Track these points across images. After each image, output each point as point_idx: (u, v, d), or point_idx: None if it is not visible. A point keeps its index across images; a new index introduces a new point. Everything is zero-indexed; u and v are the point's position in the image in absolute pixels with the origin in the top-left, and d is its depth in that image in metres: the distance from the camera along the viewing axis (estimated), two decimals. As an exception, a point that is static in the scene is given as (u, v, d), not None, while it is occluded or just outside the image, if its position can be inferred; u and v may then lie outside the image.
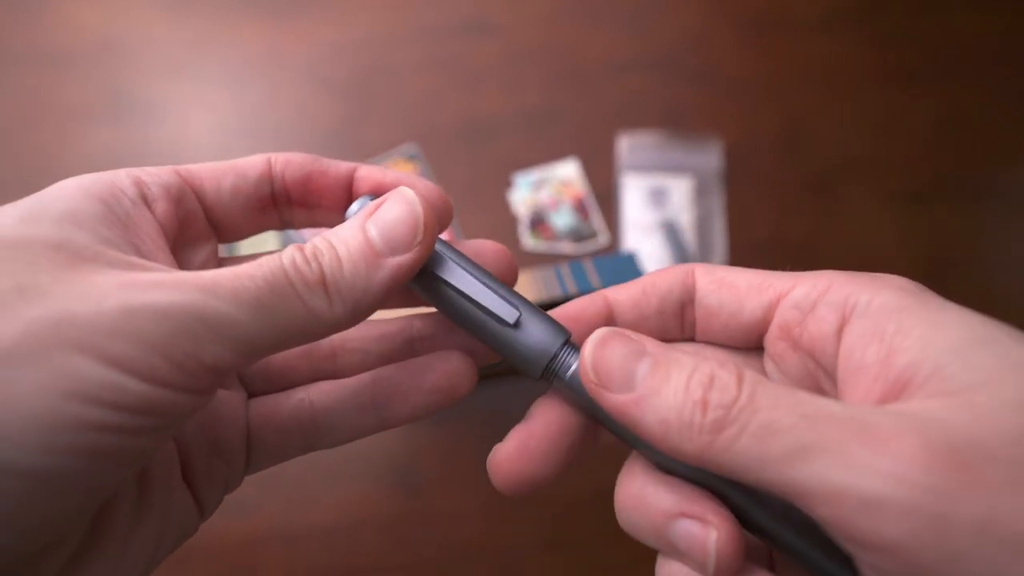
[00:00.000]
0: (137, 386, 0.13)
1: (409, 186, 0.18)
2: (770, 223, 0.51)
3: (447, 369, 0.19)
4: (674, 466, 0.16)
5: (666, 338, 0.19)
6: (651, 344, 0.15)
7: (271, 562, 0.42)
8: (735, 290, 0.18)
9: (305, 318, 0.15)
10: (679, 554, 0.16)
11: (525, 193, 0.51)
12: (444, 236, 0.50)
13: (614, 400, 0.15)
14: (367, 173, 0.20)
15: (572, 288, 0.38)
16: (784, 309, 0.17)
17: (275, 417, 0.19)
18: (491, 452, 0.17)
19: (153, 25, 0.55)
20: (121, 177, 0.16)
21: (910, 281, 0.15)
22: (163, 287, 0.13)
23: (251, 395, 0.20)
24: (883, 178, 0.53)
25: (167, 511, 0.17)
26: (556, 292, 0.38)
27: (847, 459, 0.12)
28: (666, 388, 0.14)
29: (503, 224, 0.50)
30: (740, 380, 0.14)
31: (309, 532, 0.43)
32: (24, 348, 0.12)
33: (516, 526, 0.43)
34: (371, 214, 0.16)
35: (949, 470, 0.11)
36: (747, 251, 0.50)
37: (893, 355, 0.14)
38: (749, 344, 0.18)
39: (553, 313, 0.19)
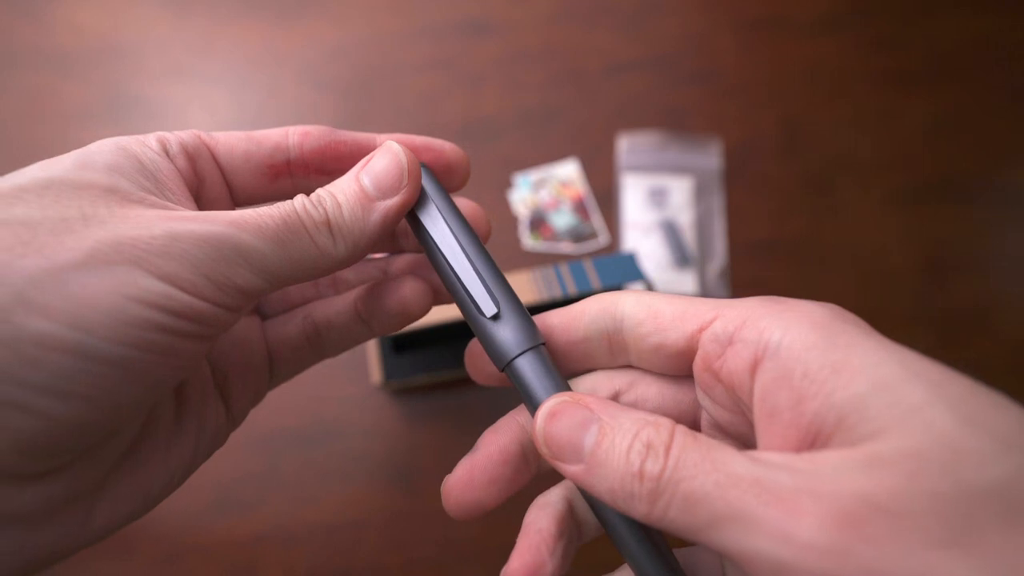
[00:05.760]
0: (184, 298, 0.15)
1: (437, 148, 0.22)
2: (770, 223, 0.51)
3: (401, 293, 0.22)
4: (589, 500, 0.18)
5: (592, 364, 0.20)
6: (600, 408, 0.16)
7: (271, 561, 0.42)
8: (660, 319, 0.18)
9: (314, 253, 0.18)
10: None
11: (525, 193, 0.51)
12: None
13: (568, 470, 0.16)
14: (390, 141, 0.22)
15: (572, 288, 0.38)
16: (705, 341, 0.17)
17: (287, 334, 0.22)
18: (443, 481, 0.19)
19: (153, 25, 0.55)
20: (149, 137, 0.19)
21: (827, 311, 0.15)
22: (200, 220, 0.16)
23: (264, 319, 0.23)
24: (882, 178, 0.53)
25: (203, 421, 0.20)
26: (556, 292, 0.38)
27: (754, 526, 0.13)
28: (610, 458, 0.15)
29: (503, 224, 0.50)
30: (668, 447, 0.14)
31: (309, 532, 0.43)
32: (93, 261, 0.14)
33: (515, 526, 0.43)
34: (363, 167, 0.19)
35: (839, 528, 0.12)
36: (747, 251, 0.50)
37: (802, 403, 0.14)
38: (681, 372, 0.19)
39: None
